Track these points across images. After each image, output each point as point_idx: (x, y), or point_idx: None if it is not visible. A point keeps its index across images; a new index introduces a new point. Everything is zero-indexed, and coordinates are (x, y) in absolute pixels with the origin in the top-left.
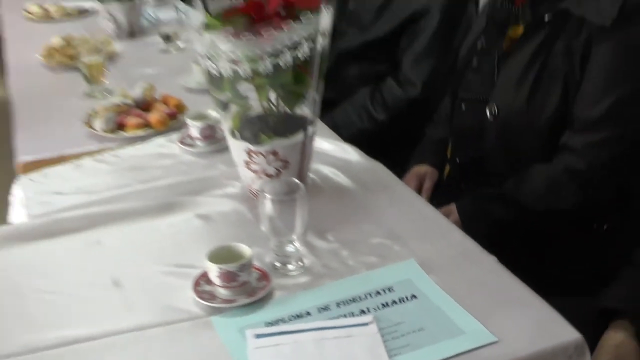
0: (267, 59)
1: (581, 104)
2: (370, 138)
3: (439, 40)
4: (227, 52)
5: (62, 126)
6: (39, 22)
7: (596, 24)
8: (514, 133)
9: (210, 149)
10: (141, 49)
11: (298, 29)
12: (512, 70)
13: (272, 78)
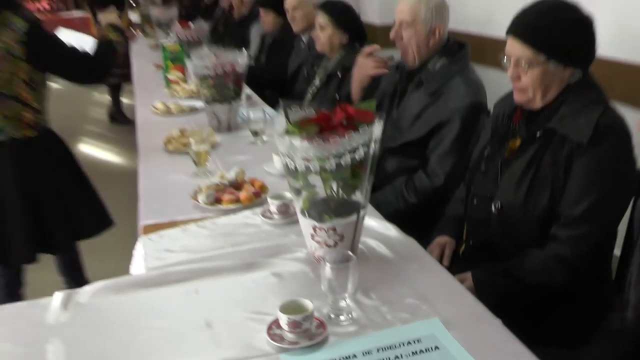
0: (332, 159)
1: (565, 204)
2: (404, 216)
3: (458, 143)
4: (302, 152)
5: (175, 198)
6: (162, 116)
7: (576, 141)
8: (515, 224)
9: (284, 222)
10: (235, 140)
11: (356, 137)
12: (512, 175)
13: (335, 173)
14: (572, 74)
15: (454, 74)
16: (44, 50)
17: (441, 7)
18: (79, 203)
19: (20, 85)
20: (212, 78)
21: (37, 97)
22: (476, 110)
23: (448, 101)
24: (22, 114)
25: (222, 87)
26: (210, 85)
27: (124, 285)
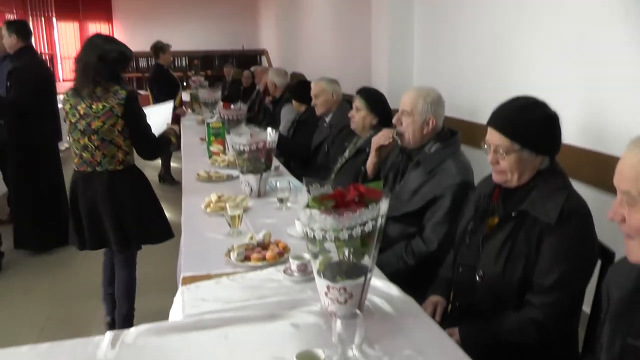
0: (345, 230)
1: (538, 275)
2: (404, 275)
3: (450, 215)
4: (320, 223)
5: (211, 254)
6: (204, 182)
7: (545, 222)
8: (495, 290)
9: (303, 279)
10: (264, 206)
11: (366, 212)
12: (491, 249)
13: (347, 242)
14: (542, 161)
15: (447, 157)
16: (132, 113)
17: (437, 103)
18: (149, 217)
19: (116, 134)
20: (247, 153)
21: (127, 143)
22: (465, 188)
23: (441, 179)
24: (116, 154)
25: (255, 160)
26: (245, 159)
27: (164, 329)
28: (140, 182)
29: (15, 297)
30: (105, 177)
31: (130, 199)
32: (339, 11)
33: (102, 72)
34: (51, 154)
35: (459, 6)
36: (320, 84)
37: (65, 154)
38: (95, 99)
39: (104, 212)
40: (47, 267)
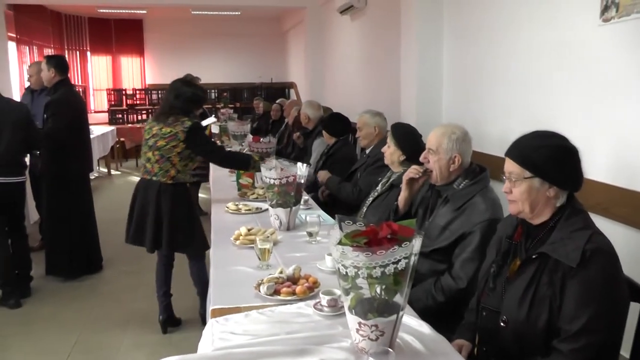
0: (378, 268)
1: (563, 320)
2: (434, 312)
3: (479, 252)
4: (353, 260)
5: (240, 287)
6: (233, 214)
7: (567, 264)
8: (520, 336)
9: (333, 314)
10: (294, 239)
11: (399, 250)
12: (514, 294)
13: (380, 279)
14: (557, 195)
15: (475, 193)
16: (193, 139)
17: (462, 140)
18: (182, 228)
19: (174, 154)
20: (277, 186)
21: (181, 163)
22: (494, 224)
23: (471, 216)
24: (169, 169)
25: (285, 194)
26: (275, 192)
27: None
28: (182, 198)
29: (44, 322)
30: (157, 186)
31: (169, 208)
32: (368, 45)
33: (176, 107)
34: (83, 185)
35: (488, 41)
36: (364, 117)
37: (95, 183)
38: (167, 124)
39: (149, 215)
40: (76, 293)
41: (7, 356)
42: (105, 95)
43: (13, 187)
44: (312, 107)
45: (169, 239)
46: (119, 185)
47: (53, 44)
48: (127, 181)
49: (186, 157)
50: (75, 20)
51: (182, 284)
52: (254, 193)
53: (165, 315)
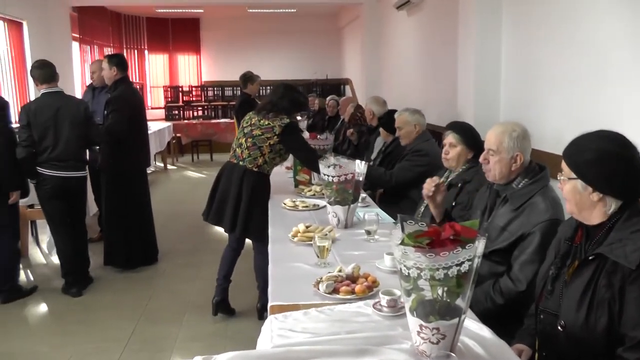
0: (441, 270)
1: (626, 326)
2: (492, 314)
3: (539, 253)
4: (415, 261)
5: (299, 284)
6: (291, 210)
7: (626, 266)
8: (579, 341)
9: (393, 315)
10: (351, 237)
11: (462, 252)
12: (572, 296)
13: (442, 281)
14: (603, 201)
15: (535, 192)
16: (288, 136)
17: (522, 138)
18: (263, 217)
19: (266, 145)
20: (335, 184)
21: (269, 155)
22: (554, 225)
23: (530, 216)
24: (257, 158)
25: (343, 191)
26: (333, 189)
27: (252, 357)
28: (262, 187)
29: (103, 311)
30: (242, 171)
31: (249, 194)
32: (424, 41)
33: (279, 106)
34: (141, 179)
35: (548, 35)
36: (403, 116)
37: (151, 177)
38: (266, 118)
39: (230, 198)
40: (133, 284)
41: (69, 341)
42: (162, 92)
43: (75, 181)
44: (377, 103)
45: (243, 223)
46: (175, 179)
47: (112, 43)
48: (183, 176)
49: (276, 151)
50: (134, 20)
51: (244, 277)
52: (311, 190)
53: (220, 298)
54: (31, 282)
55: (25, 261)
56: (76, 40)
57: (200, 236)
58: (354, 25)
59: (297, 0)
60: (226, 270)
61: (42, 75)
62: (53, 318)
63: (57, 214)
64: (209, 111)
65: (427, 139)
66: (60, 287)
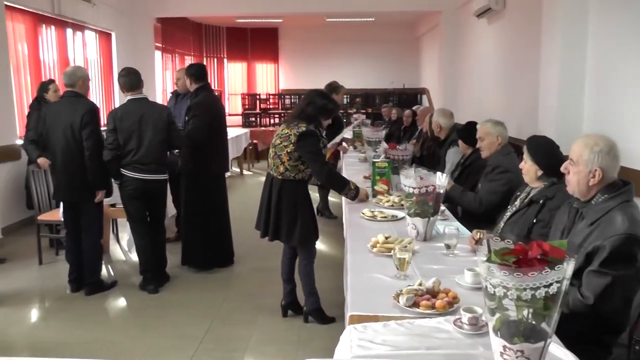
0: (528, 290)
1: None
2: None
3: (607, 267)
4: (500, 279)
5: (378, 295)
6: (369, 220)
7: None
8: None
9: (474, 333)
10: (430, 251)
11: (552, 273)
12: None
13: (529, 302)
14: None
15: (613, 207)
16: (302, 143)
17: (605, 154)
18: (291, 221)
19: (284, 153)
20: (416, 195)
21: (289, 162)
22: (630, 241)
23: (604, 229)
24: (279, 166)
25: (423, 204)
26: (413, 201)
27: None
28: (288, 193)
29: (178, 309)
30: (270, 180)
31: (275, 201)
32: (504, 50)
33: (306, 113)
34: (219, 183)
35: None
36: (485, 126)
37: (228, 182)
38: (288, 126)
39: (264, 205)
40: (208, 285)
41: (146, 334)
42: (239, 99)
43: (155, 183)
44: (444, 116)
45: (274, 228)
46: (251, 185)
47: (193, 52)
48: (259, 181)
49: (295, 159)
50: (214, 30)
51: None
52: (389, 200)
53: (288, 300)
54: (111, 277)
55: (106, 257)
56: (159, 49)
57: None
58: (432, 34)
59: (375, 10)
60: (286, 274)
61: (128, 83)
62: (131, 312)
63: (138, 213)
64: (285, 119)
65: (508, 152)
66: (138, 284)
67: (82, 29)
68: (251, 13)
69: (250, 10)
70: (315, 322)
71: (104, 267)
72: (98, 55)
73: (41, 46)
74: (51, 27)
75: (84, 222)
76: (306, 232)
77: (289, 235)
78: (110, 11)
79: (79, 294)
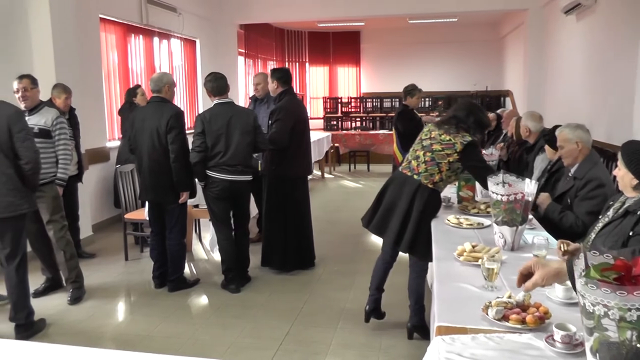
0: (633, 310)
1: None
2: None
3: None
4: (601, 297)
5: (465, 306)
6: (454, 227)
7: None
8: None
9: (567, 352)
10: (518, 261)
11: None
12: None
13: (634, 324)
14: None
15: None
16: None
17: None
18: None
19: (445, 162)
20: (504, 203)
21: (447, 172)
22: None
23: None
24: (434, 175)
25: (511, 211)
26: (501, 209)
27: None
28: (434, 204)
29: (259, 309)
30: (415, 185)
31: (419, 210)
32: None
33: (463, 123)
34: (301, 186)
35: None
36: (563, 133)
37: (309, 184)
38: (448, 133)
39: (398, 210)
40: (289, 286)
41: (226, 333)
42: (321, 103)
43: (240, 185)
44: (534, 119)
45: (411, 239)
46: (332, 188)
47: (275, 57)
48: (340, 185)
49: (453, 170)
50: (296, 35)
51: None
52: (475, 207)
53: (372, 307)
54: (194, 275)
55: (189, 256)
56: (241, 54)
57: (355, 245)
58: (516, 34)
59: (459, 10)
60: (378, 282)
61: (216, 88)
62: (213, 310)
63: (223, 214)
64: (367, 122)
65: (595, 161)
66: (220, 283)
67: (168, 37)
68: (334, 17)
69: (332, 14)
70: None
71: (187, 266)
72: (183, 62)
73: (130, 54)
74: (139, 36)
75: (168, 221)
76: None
77: (424, 247)
78: (195, 19)
79: (162, 290)
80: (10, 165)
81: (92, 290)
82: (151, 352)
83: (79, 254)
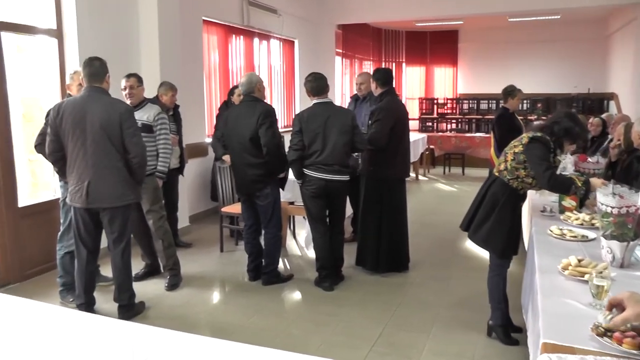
0: None
1: None
2: None
3: None
4: None
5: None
6: (557, 238)
7: None
8: None
9: None
10: (629, 280)
11: None
12: None
13: None
14: None
15: None
16: (531, 145)
17: None
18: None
19: (511, 152)
20: (614, 216)
21: (512, 163)
22: None
23: None
24: (501, 163)
25: (622, 225)
26: (610, 222)
27: None
28: (501, 195)
29: (352, 308)
30: (492, 178)
31: (488, 200)
32: None
33: (551, 130)
34: (398, 187)
35: None
36: None
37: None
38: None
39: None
40: (382, 288)
41: (319, 330)
42: (417, 103)
43: (337, 184)
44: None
45: (484, 229)
46: (426, 190)
47: (372, 57)
48: (434, 187)
49: (518, 161)
50: (393, 35)
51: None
52: (578, 218)
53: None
54: (288, 270)
55: (284, 252)
56: (339, 54)
57: (451, 250)
58: (625, 31)
59: (561, 6)
60: (497, 297)
61: (315, 88)
62: (306, 306)
63: (318, 212)
64: (463, 124)
65: None
66: (314, 280)
67: (267, 37)
68: (432, 16)
69: (431, 13)
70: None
71: (281, 261)
72: (281, 62)
73: (230, 54)
74: (240, 37)
75: (264, 216)
76: (502, 242)
77: (485, 236)
78: (294, 20)
79: (256, 283)
80: (120, 158)
81: (188, 278)
82: (245, 342)
83: (177, 243)
